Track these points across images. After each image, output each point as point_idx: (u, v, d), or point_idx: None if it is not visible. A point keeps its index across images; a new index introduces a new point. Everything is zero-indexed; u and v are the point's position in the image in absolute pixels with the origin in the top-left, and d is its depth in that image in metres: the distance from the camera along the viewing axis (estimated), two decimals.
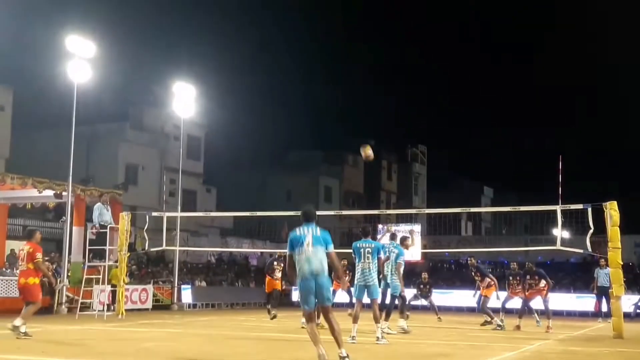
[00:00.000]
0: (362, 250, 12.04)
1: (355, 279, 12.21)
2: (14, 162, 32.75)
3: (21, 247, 12.56)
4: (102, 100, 35.93)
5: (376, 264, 12.15)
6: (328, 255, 8.44)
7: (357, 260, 12.09)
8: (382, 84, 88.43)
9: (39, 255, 12.08)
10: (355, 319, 11.99)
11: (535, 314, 19.42)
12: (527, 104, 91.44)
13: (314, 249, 8.32)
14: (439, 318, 19.49)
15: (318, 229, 8.56)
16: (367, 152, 14.38)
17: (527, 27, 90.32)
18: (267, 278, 18.56)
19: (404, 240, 14.91)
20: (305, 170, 50.94)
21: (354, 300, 12.56)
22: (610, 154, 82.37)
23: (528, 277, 17.79)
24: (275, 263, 18.32)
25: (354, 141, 57.34)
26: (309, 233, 8.45)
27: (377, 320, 11.98)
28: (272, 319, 17.56)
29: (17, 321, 11.77)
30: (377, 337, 11.85)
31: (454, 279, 34.00)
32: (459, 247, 37.34)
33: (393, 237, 15.54)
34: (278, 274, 18.29)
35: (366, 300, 12.16)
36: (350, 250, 12.62)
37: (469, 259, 20.96)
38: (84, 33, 21.78)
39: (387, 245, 14.08)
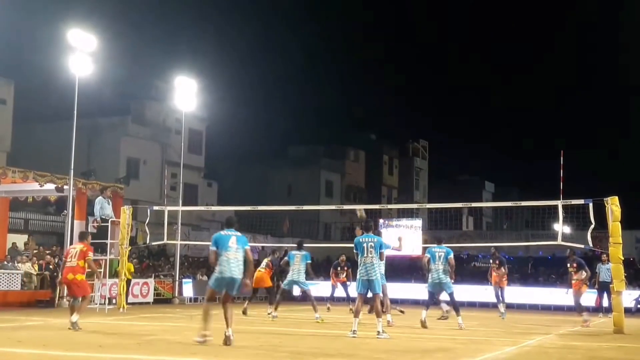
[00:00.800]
0: (364, 244, 12.08)
1: (358, 273, 12.22)
2: (15, 155, 32.77)
3: (73, 246, 13.46)
4: (103, 94, 35.89)
5: (379, 259, 12.20)
6: (245, 251, 10.29)
7: (359, 255, 12.09)
8: (384, 78, 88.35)
9: (91, 254, 13.01)
10: (356, 314, 12.01)
11: (501, 306, 19.47)
12: (528, 100, 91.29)
13: (237, 250, 10.22)
14: (401, 311, 19.18)
15: (238, 233, 10.46)
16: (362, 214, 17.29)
17: (530, 30, 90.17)
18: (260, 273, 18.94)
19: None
20: (306, 165, 50.91)
21: (353, 295, 12.60)
22: (612, 149, 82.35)
23: (568, 264, 17.75)
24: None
25: (355, 136, 57.56)
26: (233, 236, 10.28)
27: (378, 315, 12.02)
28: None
29: (74, 317, 12.39)
30: (378, 332, 11.87)
31: (454, 274, 33.95)
32: (460, 242, 37.30)
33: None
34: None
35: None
36: (351, 245, 12.65)
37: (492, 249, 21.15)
38: (85, 27, 21.76)
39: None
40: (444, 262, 15.13)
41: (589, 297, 26.38)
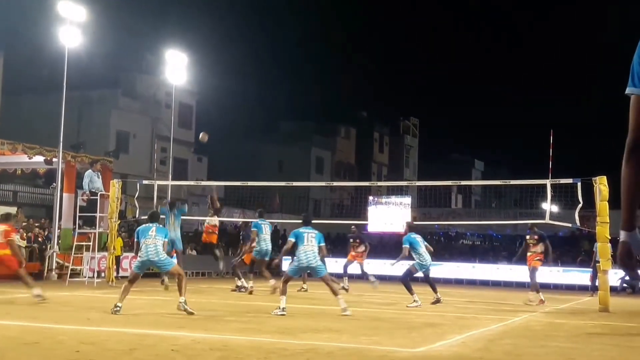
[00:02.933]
0: (305, 234, 12.05)
1: (296, 260, 12.03)
2: (3, 127, 32.52)
3: None
4: (93, 66, 35.67)
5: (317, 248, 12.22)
6: (164, 243, 11.49)
7: (299, 244, 11.98)
8: (375, 56, 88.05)
9: (14, 236, 13.05)
10: (283, 292, 11.77)
11: (371, 277, 19.77)
12: (519, 78, 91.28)
13: (155, 237, 11.38)
14: (344, 287, 18.89)
15: (160, 226, 11.85)
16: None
17: (522, 2, 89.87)
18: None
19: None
20: (297, 141, 50.85)
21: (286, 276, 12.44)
22: (601, 127, 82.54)
23: (527, 236, 17.28)
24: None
25: (346, 112, 57.52)
26: (153, 227, 11.55)
27: (336, 294, 11.94)
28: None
29: (35, 290, 12.50)
30: (343, 309, 11.72)
31: (443, 251, 34.14)
32: (449, 219, 37.50)
33: (261, 214, 17.34)
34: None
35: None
36: (339, 222, 12.75)
37: (352, 227, 21.67)
38: None
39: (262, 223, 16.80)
40: (424, 244, 15.17)
41: (574, 276, 26.72)
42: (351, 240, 20.85)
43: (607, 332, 11.16)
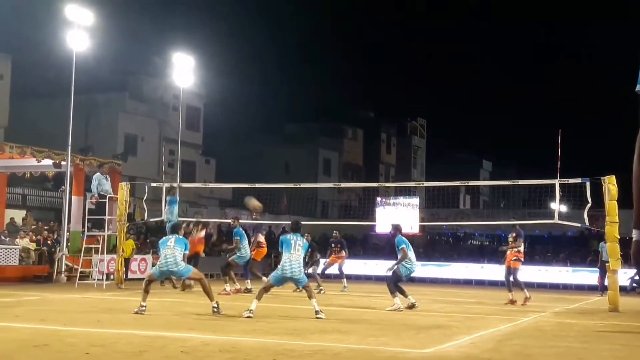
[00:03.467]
0: (292, 242, 11.68)
1: (280, 268, 11.70)
2: (12, 131, 32.68)
3: None
4: (101, 69, 35.77)
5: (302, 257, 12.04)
6: (183, 254, 12.05)
7: (285, 251, 11.65)
8: (383, 56, 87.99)
9: None
10: (259, 297, 11.60)
11: (344, 280, 20.38)
12: (526, 78, 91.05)
13: (174, 247, 11.84)
14: (321, 289, 18.62)
15: (179, 237, 12.23)
16: (253, 204, 18.94)
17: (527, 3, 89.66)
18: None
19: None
20: (304, 142, 50.85)
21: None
22: (609, 127, 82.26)
23: (509, 235, 17.18)
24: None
25: (354, 113, 57.42)
26: (172, 238, 12.05)
27: (310, 297, 11.70)
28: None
29: None
30: (317, 311, 11.48)
31: (451, 252, 34.12)
32: (457, 220, 37.43)
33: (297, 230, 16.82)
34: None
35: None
36: (347, 222, 12.71)
37: (334, 232, 22.10)
38: (83, 2, 21.65)
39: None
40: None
41: (584, 276, 26.63)
42: (332, 245, 21.31)
43: (617, 332, 11.12)
